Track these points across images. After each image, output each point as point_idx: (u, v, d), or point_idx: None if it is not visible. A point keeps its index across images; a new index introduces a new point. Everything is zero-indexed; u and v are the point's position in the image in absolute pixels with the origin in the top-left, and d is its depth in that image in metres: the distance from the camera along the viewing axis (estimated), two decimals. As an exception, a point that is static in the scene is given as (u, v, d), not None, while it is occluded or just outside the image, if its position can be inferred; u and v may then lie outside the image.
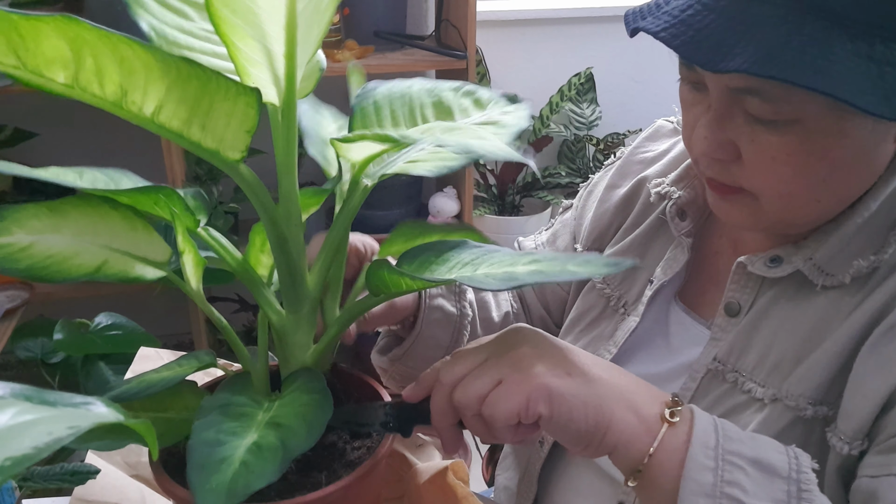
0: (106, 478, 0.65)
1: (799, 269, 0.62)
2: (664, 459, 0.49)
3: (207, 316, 0.55)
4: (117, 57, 0.39)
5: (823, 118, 0.55)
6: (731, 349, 0.65)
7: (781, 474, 0.48)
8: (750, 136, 0.58)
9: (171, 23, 0.48)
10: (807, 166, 0.57)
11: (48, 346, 1.64)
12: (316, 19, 0.44)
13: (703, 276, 0.73)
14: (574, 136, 2.32)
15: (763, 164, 0.58)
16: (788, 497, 0.47)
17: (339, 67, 1.81)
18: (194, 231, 0.51)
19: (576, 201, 0.89)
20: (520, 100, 0.58)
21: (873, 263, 0.59)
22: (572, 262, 0.46)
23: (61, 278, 0.47)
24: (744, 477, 0.47)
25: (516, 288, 0.45)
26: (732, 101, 0.58)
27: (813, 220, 0.62)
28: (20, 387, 0.33)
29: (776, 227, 0.64)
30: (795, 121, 0.55)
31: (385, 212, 2.04)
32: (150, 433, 0.38)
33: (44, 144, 1.93)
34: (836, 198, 0.60)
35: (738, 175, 0.60)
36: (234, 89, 0.41)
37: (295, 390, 0.49)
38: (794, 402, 0.60)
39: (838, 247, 0.60)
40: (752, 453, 0.49)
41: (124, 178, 0.50)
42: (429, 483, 0.63)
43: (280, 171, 0.49)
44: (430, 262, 0.51)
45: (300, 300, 0.52)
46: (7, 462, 0.27)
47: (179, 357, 0.55)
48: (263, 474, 0.41)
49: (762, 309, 0.64)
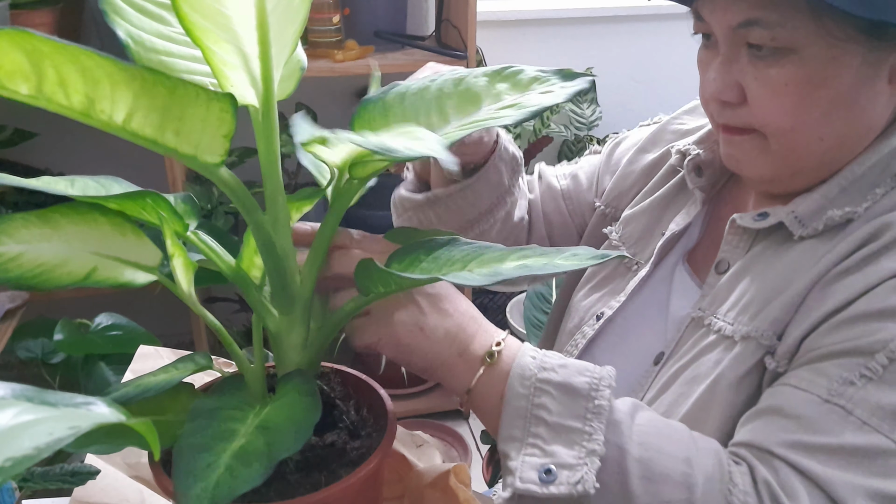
0: (105, 478, 0.65)
1: (781, 220, 0.67)
2: (486, 391, 0.58)
3: (201, 318, 0.55)
4: (79, 67, 0.38)
5: (815, 44, 0.60)
6: (713, 299, 0.71)
7: (581, 393, 0.56)
8: (753, 74, 0.63)
9: (148, 28, 0.47)
10: (806, 97, 0.62)
11: (49, 347, 1.64)
12: (289, 18, 0.44)
13: (708, 242, 0.78)
14: (574, 136, 2.31)
15: (767, 98, 0.63)
16: (585, 412, 0.55)
17: (341, 68, 1.81)
18: (184, 235, 0.51)
19: (604, 149, 0.94)
20: (577, 75, 0.54)
21: (847, 214, 0.64)
22: (559, 255, 0.48)
23: (52, 286, 0.47)
24: (549, 400, 0.56)
25: (501, 282, 0.47)
26: (736, 40, 0.64)
27: (816, 163, 0.66)
28: (21, 387, 0.33)
29: (783, 176, 0.68)
30: (791, 50, 0.61)
31: (385, 212, 2.02)
32: (150, 433, 0.38)
33: (44, 144, 1.93)
34: (838, 140, 0.65)
35: (746, 116, 0.66)
36: (204, 95, 0.41)
37: (286, 393, 0.49)
38: (768, 341, 0.64)
39: (820, 203, 0.66)
40: (559, 379, 0.56)
41: (115, 184, 0.50)
42: (431, 486, 0.63)
43: (264, 173, 0.49)
44: (419, 261, 0.51)
45: (291, 302, 0.52)
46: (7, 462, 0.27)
47: (176, 360, 0.55)
48: (248, 479, 0.41)
49: (746, 263, 0.70)
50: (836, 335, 0.60)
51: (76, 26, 1.87)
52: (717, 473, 0.56)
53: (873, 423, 0.56)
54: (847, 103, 0.63)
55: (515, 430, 0.56)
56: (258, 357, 0.54)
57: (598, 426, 0.55)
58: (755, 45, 0.62)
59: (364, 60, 1.85)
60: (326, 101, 2.04)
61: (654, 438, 0.57)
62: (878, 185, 0.65)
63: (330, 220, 0.53)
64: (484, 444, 1.93)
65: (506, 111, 0.51)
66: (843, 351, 0.59)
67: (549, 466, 0.54)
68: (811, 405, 0.58)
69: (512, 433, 0.56)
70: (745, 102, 0.65)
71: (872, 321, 0.59)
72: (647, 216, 0.82)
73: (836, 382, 0.58)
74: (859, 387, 0.57)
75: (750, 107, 0.65)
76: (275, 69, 0.45)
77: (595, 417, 0.55)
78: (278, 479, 0.50)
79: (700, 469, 0.56)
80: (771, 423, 0.59)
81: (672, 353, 0.73)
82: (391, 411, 0.55)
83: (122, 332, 1.57)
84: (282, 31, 0.44)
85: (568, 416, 0.55)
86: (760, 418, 0.61)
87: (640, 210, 0.83)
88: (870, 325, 0.59)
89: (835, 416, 0.57)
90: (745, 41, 0.63)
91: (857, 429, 0.56)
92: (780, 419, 0.59)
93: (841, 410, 0.57)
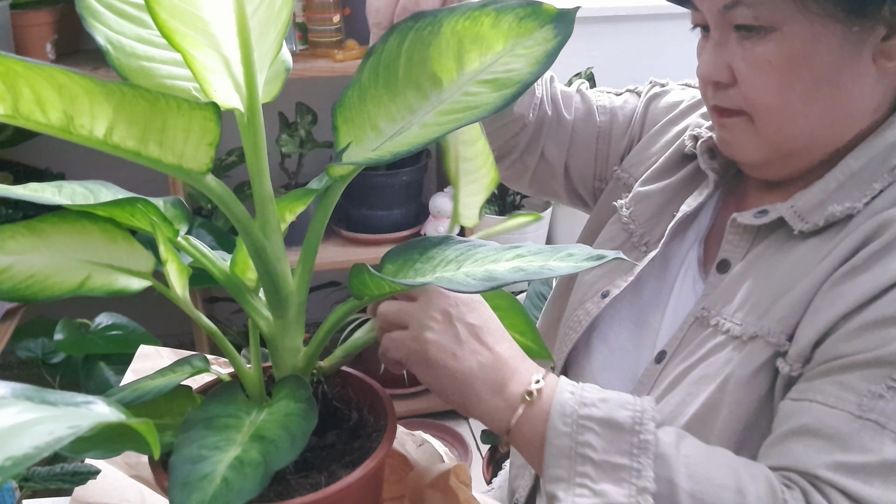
0: (106, 478, 0.65)
1: (781, 215, 0.68)
2: (527, 430, 0.57)
3: (195, 321, 0.55)
4: (54, 85, 0.38)
5: (796, 22, 0.63)
6: (717, 299, 0.71)
7: (626, 428, 0.55)
8: (741, 55, 0.66)
9: (128, 33, 0.47)
10: (788, 73, 0.65)
11: (49, 347, 1.64)
12: (271, 21, 0.43)
13: (717, 234, 0.78)
14: (574, 136, 2.31)
15: (753, 76, 0.66)
16: (631, 447, 0.55)
17: (340, 67, 1.81)
18: (174, 240, 0.50)
19: (643, 97, 0.92)
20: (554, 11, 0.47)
21: (847, 210, 0.65)
22: (554, 256, 0.48)
23: (45, 296, 0.47)
24: (593, 437, 0.55)
25: (496, 288, 0.46)
26: (724, 23, 0.67)
27: (805, 143, 0.68)
28: (21, 386, 0.33)
29: (774, 159, 0.70)
30: (774, 28, 0.64)
31: (385, 212, 2.04)
32: (150, 432, 0.38)
33: (44, 144, 1.93)
34: (823, 118, 0.66)
35: (736, 97, 0.68)
36: (186, 105, 0.41)
37: (282, 399, 0.49)
38: (776, 339, 0.64)
39: (819, 197, 0.67)
40: (601, 415, 0.56)
41: (104, 189, 0.50)
42: (431, 487, 0.63)
43: (252, 177, 0.48)
44: (413, 261, 0.51)
45: (285, 305, 0.52)
46: (8, 462, 0.27)
47: (173, 363, 0.54)
48: (244, 491, 0.40)
49: (749, 263, 0.70)
50: (855, 343, 0.60)
51: (76, 26, 1.87)
52: (770, 501, 0.55)
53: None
54: (830, 81, 0.64)
55: (560, 469, 0.55)
56: (255, 360, 0.53)
57: (646, 462, 0.54)
58: (743, 25, 0.65)
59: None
60: (326, 101, 2.04)
61: (702, 469, 0.56)
62: (875, 179, 0.66)
63: (319, 218, 0.53)
64: (484, 444, 1.93)
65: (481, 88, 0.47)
66: (866, 362, 0.58)
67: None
68: (845, 423, 0.57)
69: (557, 473, 0.55)
70: (736, 83, 0.68)
71: (889, 327, 0.59)
72: (659, 196, 0.81)
73: (865, 397, 0.57)
74: (889, 399, 0.57)
75: (739, 87, 0.67)
76: (258, 72, 0.44)
77: (642, 453, 0.54)
78: (278, 479, 0.50)
79: (753, 498, 0.55)
80: (809, 445, 0.58)
81: (676, 352, 0.72)
82: (391, 411, 0.55)
83: (122, 332, 1.57)
84: (264, 34, 0.43)
85: (614, 452, 0.54)
86: (796, 440, 0.59)
87: (653, 190, 0.82)
88: (888, 331, 0.58)
89: (870, 432, 0.57)
90: (732, 24, 0.66)
91: (893, 442, 0.56)
92: (817, 440, 0.58)
93: (874, 425, 0.57)
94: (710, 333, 0.69)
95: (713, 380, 0.66)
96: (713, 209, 0.80)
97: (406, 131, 0.48)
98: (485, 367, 0.57)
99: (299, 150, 1.96)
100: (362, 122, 0.49)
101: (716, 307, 0.70)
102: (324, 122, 1.99)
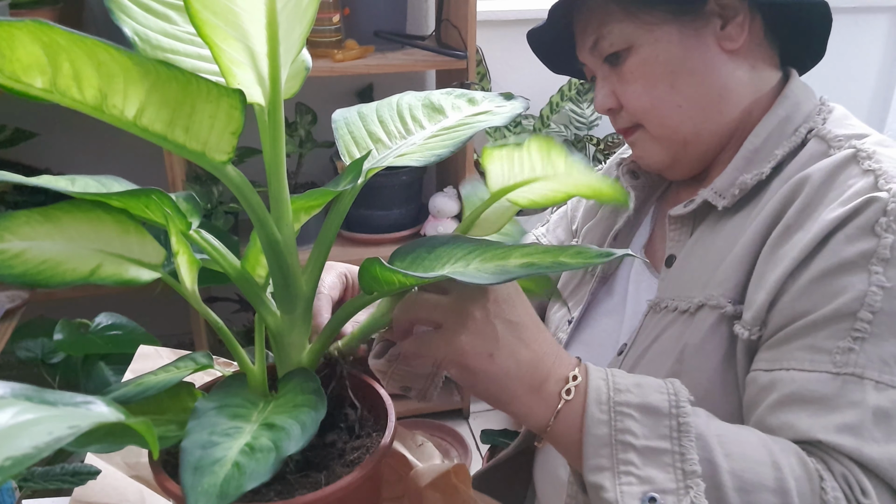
0: (105, 478, 0.65)
1: (705, 198, 0.75)
2: (565, 425, 0.56)
3: (202, 315, 0.55)
4: (94, 61, 0.38)
5: (640, 37, 0.75)
6: (668, 288, 0.76)
7: (663, 412, 0.55)
8: (616, 79, 0.78)
9: (154, 27, 0.47)
10: (649, 75, 0.76)
11: (48, 347, 1.64)
12: (297, 18, 0.44)
13: (659, 240, 0.86)
14: (574, 135, 2.31)
15: (627, 90, 0.78)
16: (671, 431, 0.54)
17: (340, 67, 1.81)
18: (186, 233, 0.51)
19: (558, 211, 1.04)
20: (515, 97, 0.60)
21: (756, 176, 0.73)
22: (564, 253, 0.48)
23: (56, 283, 0.47)
24: (633, 423, 0.54)
25: (508, 281, 0.46)
26: (598, 60, 0.80)
27: (692, 130, 0.77)
28: (20, 386, 0.33)
29: (678, 155, 0.79)
30: (628, 48, 0.76)
31: (385, 212, 2.04)
32: (150, 432, 0.38)
33: (44, 144, 1.93)
34: (695, 104, 0.76)
35: (627, 115, 0.80)
36: (215, 91, 0.41)
37: (290, 391, 0.49)
38: (716, 302, 0.69)
39: (733, 175, 0.75)
40: (637, 400, 0.55)
41: (115, 183, 0.50)
42: (430, 486, 0.63)
43: (269, 172, 0.49)
44: (422, 258, 0.51)
45: (293, 301, 0.52)
46: (7, 462, 0.27)
47: (176, 359, 0.54)
48: (255, 475, 0.41)
49: (689, 250, 0.76)
50: (807, 300, 0.63)
51: (76, 26, 1.87)
52: (804, 473, 0.56)
53: (886, 380, 0.59)
54: (685, 71, 0.75)
55: (602, 458, 0.54)
56: (260, 356, 0.54)
57: (688, 444, 0.54)
58: (608, 56, 0.78)
59: (364, 60, 1.85)
60: (326, 101, 2.04)
61: (737, 447, 0.56)
62: (776, 147, 0.74)
63: (333, 221, 0.54)
64: (484, 444, 1.93)
65: (479, 116, 0.54)
66: (824, 319, 0.61)
67: (651, 494, 0.52)
68: (826, 383, 0.60)
69: (599, 463, 0.54)
70: (622, 105, 0.79)
71: (836, 278, 0.62)
72: (600, 225, 0.91)
73: (836, 354, 0.60)
74: (858, 350, 0.60)
75: (626, 108, 0.79)
76: (282, 68, 0.45)
77: (683, 435, 0.54)
78: (278, 478, 0.50)
79: (789, 471, 0.55)
80: (800, 414, 0.60)
81: (636, 341, 0.77)
82: (391, 411, 0.55)
83: (121, 332, 1.57)
84: (290, 30, 0.44)
85: (655, 437, 0.54)
86: (787, 411, 0.61)
87: (594, 222, 0.92)
88: (835, 282, 0.62)
89: (851, 386, 0.59)
90: (602, 58, 0.79)
91: (874, 388, 0.58)
92: (806, 406, 0.60)
93: (854, 378, 0.59)
94: (663, 315, 0.75)
95: (670, 355, 0.71)
96: (651, 220, 0.88)
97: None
98: (522, 366, 0.55)
99: (299, 149, 1.96)
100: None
101: (668, 295, 0.75)
102: (323, 122, 1.99)
